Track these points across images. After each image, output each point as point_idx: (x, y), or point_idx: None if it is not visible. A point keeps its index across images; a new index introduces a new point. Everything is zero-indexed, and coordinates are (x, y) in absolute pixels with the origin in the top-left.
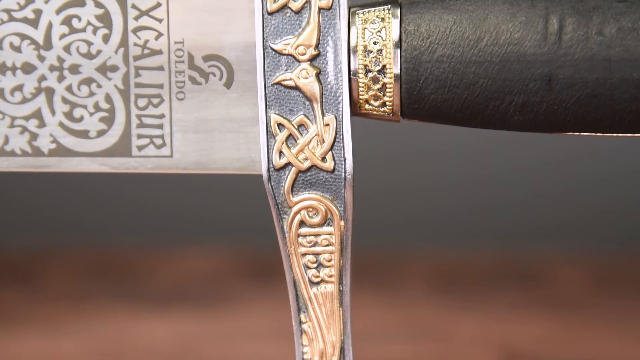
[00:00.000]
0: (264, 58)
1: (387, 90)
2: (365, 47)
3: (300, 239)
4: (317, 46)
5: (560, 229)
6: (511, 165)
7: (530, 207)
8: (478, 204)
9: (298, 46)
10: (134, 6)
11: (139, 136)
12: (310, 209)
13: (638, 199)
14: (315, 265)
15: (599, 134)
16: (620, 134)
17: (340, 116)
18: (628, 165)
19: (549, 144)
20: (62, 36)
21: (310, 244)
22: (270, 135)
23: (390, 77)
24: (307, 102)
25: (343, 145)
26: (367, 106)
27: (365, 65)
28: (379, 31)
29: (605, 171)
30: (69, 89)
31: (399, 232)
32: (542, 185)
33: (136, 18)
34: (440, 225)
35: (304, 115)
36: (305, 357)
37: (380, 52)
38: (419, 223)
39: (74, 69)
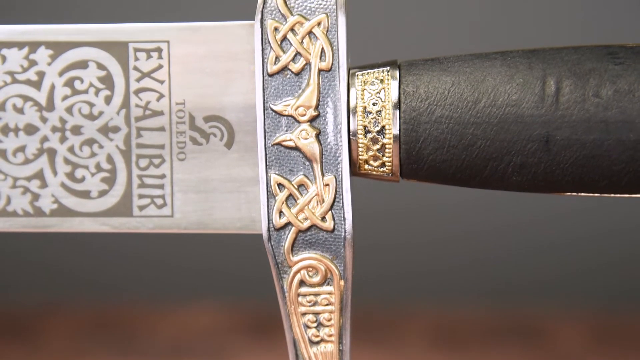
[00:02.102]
0: (264, 119)
1: (387, 150)
2: (365, 108)
3: (300, 299)
4: (317, 107)
5: (559, 285)
6: (510, 220)
7: (529, 263)
8: (477, 260)
9: (298, 107)
10: (135, 68)
11: (140, 196)
12: (310, 269)
13: (636, 255)
14: (315, 324)
15: (596, 194)
16: (618, 195)
17: (340, 176)
18: (626, 221)
19: (547, 199)
20: (65, 97)
21: (310, 304)
22: (270, 195)
23: (390, 138)
24: (307, 163)
25: (343, 205)
26: (366, 166)
27: (365, 126)
28: (378, 92)
29: (603, 227)
30: (70, 149)
31: (398, 289)
32: (541, 241)
33: (138, 80)
34: (440, 281)
35: (304, 175)
36: None
37: (380, 113)
38: (418, 279)
39: (76, 130)
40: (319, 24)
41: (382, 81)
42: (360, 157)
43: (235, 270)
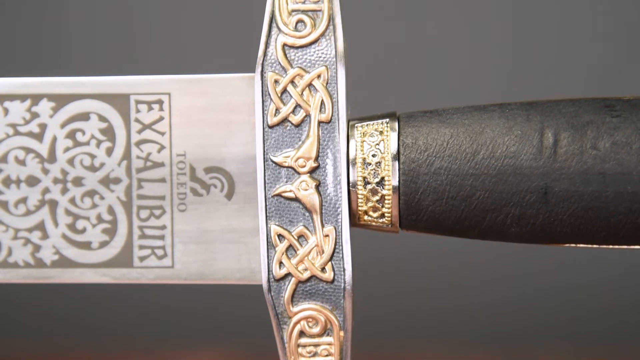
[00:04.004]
0: (264, 170)
1: (386, 201)
2: (364, 159)
3: (300, 349)
4: (316, 158)
5: (560, 331)
6: (510, 267)
7: (530, 309)
8: (477, 306)
9: (298, 159)
10: (137, 120)
11: (141, 247)
12: (310, 319)
13: (634, 300)
14: None
15: (595, 246)
16: (617, 246)
17: (340, 227)
18: (627, 267)
19: (547, 247)
20: (66, 149)
21: (310, 354)
22: (270, 246)
23: (389, 189)
24: (307, 214)
25: (342, 256)
26: (366, 217)
27: (364, 177)
28: (378, 144)
29: (604, 274)
30: (72, 201)
31: (399, 336)
32: (541, 288)
33: (139, 131)
34: (440, 329)
35: (304, 226)
36: None
37: (379, 165)
38: (419, 326)
39: (78, 182)
40: (318, 76)
41: (381, 133)
42: (359, 208)
43: (236, 319)
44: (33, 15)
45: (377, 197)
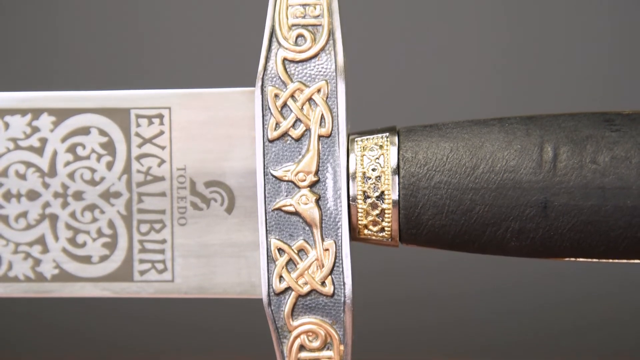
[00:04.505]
0: (264, 184)
1: (386, 215)
2: (364, 173)
3: None
4: (316, 173)
5: (559, 343)
6: (509, 278)
7: (527, 321)
8: (476, 318)
9: (298, 173)
10: (137, 134)
11: (141, 261)
12: (310, 333)
13: (633, 312)
14: None
15: (594, 260)
16: (616, 260)
17: (340, 241)
18: (626, 279)
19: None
20: (67, 164)
21: None
22: (270, 260)
23: (389, 203)
24: (307, 228)
25: (342, 270)
26: (366, 231)
27: (364, 191)
28: (377, 158)
29: (602, 285)
30: (72, 215)
31: (397, 347)
32: (541, 299)
33: (139, 145)
34: (438, 340)
35: (304, 240)
36: None
37: (379, 179)
38: (417, 337)
39: (78, 196)
40: (318, 90)
41: (381, 147)
42: (359, 222)
43: (237, 332)
44: (32, 27)
45: (377, 211)
